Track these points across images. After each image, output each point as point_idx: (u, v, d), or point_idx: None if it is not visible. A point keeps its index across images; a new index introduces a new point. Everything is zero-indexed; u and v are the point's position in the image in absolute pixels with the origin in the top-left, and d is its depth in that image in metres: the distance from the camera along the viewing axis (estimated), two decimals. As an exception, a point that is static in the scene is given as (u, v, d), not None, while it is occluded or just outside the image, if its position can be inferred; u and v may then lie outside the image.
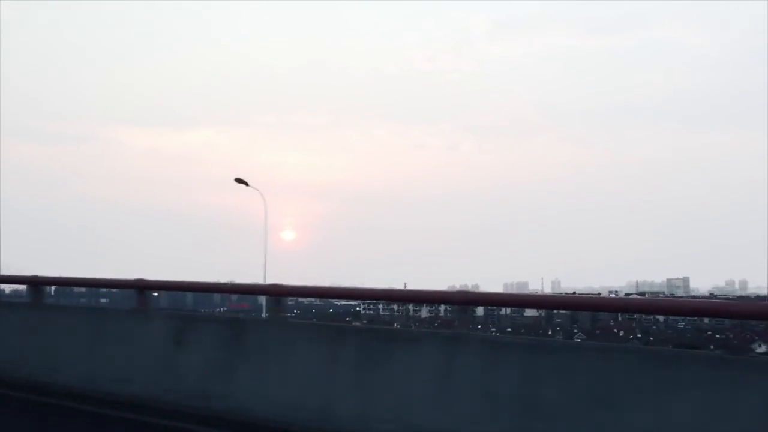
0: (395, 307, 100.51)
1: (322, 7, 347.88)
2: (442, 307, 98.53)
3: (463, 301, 6.60)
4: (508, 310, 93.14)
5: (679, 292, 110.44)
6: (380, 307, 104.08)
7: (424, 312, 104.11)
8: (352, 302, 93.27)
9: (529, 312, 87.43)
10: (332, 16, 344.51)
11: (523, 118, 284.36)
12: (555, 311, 79.06)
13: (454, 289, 10.17)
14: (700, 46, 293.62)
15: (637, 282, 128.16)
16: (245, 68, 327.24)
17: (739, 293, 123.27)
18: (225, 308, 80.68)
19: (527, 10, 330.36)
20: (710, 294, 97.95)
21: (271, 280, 7.84)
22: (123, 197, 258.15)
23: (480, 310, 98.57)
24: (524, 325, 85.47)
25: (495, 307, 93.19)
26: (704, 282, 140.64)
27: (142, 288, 8.13)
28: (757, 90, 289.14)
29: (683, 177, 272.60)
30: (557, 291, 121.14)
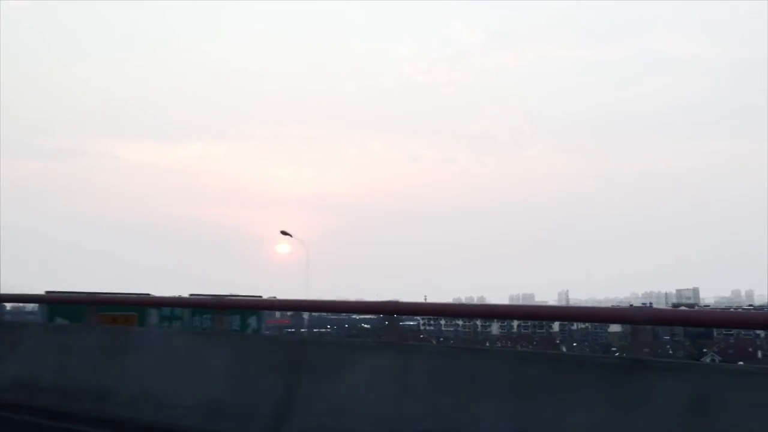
0: (460, 322, 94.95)
1: (316, 21, 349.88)
2: (515, 323, 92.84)
3: (393, 311, 6.66)
4: (585, 324, 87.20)
5: (690, 303, 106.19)
6: (442, 323, 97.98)
7: (495, 328, 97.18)
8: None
9: (614, 328, 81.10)
10: (327, 29, 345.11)
11: (519, 129, 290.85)
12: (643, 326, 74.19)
13: (459, 302, 10.41)
14: (697, 55, 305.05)
15: (666, 294, 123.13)
16: (240, 82, 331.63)
17: (746, 303, 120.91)
18: (262, 324, 75.71)
19: (523, 21, 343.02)
20: (748, 305, 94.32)
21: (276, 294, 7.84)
22: (118, 211, 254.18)
23: (556, 326, 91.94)
24: (606, 343, 78.74)
25: (567, 323, 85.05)
26: (707, 292, 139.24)
27: (92, 303, 8.46)
28: (757, 99, 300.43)
29: (684, 187, 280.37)
30: (563, 302, 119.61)
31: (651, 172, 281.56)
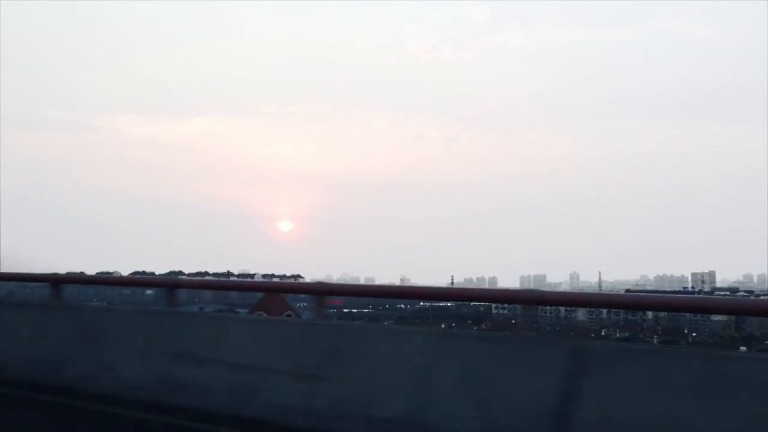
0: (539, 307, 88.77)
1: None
2: (604, 311, 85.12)
3: (320, 291, 6.94)
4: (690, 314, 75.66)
5: (706, 287, 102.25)
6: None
7: (581, 314, 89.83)
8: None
9: (717, 317, 73.67)
10: (332, 6, 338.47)
11: (522, 110, 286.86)
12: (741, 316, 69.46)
13: (471, 282, 10.87)
14: (703, 38, 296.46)
15: (702, 275, 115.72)
16: (245, 58, 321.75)
17: (759, 288, 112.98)
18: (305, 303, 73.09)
19: (529, 1, 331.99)
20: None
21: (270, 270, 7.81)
22: (121, 186, 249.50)
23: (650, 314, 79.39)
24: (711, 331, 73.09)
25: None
26: (719, 275, 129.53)
27: (56, 282, 8.41)
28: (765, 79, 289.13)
29: (693, 170, 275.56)
30: (575, 284, 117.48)
31: (658, 155, 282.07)
